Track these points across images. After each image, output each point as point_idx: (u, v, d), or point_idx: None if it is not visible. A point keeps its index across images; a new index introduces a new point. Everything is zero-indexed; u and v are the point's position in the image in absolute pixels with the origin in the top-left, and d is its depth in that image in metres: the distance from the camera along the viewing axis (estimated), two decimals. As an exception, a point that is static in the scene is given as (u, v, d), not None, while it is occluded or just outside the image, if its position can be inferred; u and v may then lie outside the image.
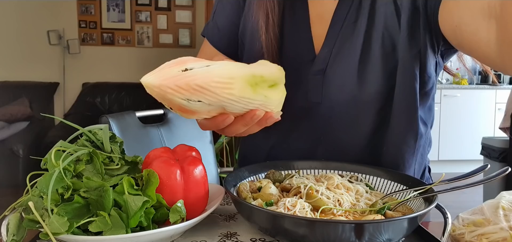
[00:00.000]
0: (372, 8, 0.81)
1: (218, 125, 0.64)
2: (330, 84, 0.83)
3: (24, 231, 0.58)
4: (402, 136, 0.83)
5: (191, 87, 0.54)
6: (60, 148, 0.61)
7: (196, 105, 0.56)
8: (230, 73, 0.56)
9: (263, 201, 0.66)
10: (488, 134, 3.98)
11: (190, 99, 0.55)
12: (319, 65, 0.83)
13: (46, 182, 0.56)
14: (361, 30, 0.81)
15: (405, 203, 0.67)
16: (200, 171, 0.64)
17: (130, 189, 0.58)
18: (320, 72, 0.83)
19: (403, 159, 0.85)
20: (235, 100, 0.57)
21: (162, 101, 0.57)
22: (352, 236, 0.55)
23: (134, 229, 0.57)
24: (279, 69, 0.64)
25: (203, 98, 0.55)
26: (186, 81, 0.54)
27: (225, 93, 0.56)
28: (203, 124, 0.67)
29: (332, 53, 0.83)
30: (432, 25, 0.77)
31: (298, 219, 0.58)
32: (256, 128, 0.67)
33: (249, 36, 0.89)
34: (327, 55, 0.83)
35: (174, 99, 0.55)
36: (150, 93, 0.56)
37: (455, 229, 0.69)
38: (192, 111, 0.57)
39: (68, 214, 0.55)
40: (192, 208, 0.62)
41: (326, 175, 0.75)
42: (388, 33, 0.80)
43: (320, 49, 0.84)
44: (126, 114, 1.31)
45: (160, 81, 0.54)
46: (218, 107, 0.59)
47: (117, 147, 0.68)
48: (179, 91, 0.54)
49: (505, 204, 0.67)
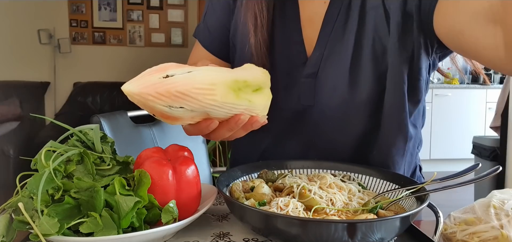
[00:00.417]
0: (363, 9, 0.81)
1: (203, 131, 0.63)
2: (322, 88, 0.83)
3: (14, 232, 0.57)
4: (392, 138, 0.84)
5: (172, 94, 0.53)
6: (50, 148, 0.61)
7: (178, 112, 0.56)
8: (212, 79, 0.56)
9: (256, 201, 0.66)
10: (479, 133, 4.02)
11: (172, 106, 0.55)
12: (311, 68, 0.83)
13: (36, 183, 0.55)
14: (351, 32, 0.81)
15: (397, 202, 0.68)
16: (193, 171, 0.64)
17: (122, 190, 0.57)
18: (312, 76, 0.83)
19: (392, 161, 0.85)
20: (218, 106, 0.57)
21: (144, 108, 0.56)
22: (345, 235, 0.55)
23: (126, 229, 0.56)
24: (264, 73, 0.64)
25: (185, 104, 0.55)
26: (167, 89, 0.53)
27: (207, 99, 0.55)
28: (187, 130, 0.66)
29: (324, 56, 0.82)
30: (426, 29, 0.76)
31: (291, 219, 0.58)
32: (241, 132, 0.66)
33: (239, 38, 0.88)
34: (318, 58, 0.82)
35: (156, 106, 0.54)
36: (132, 101, 0.55)
37: (446, 228, 0.69)
38: (175, 118, 0.57)
39: (58, 215, 0.55)
40: (185, 208, 0.62)
41: (318, 175, 0.75)
42: (378, 36, 0.80)
43: (312, 52, 0.83)
44: (118, 114, 1.30)
45: (140, 89, 0.53)
46: (202, 113, 0.59)
47: (108, 147, 0.67)
48: (160, 98, 0.53)
49: (496, 202, 0.68)
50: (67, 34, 4.68)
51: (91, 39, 4.76)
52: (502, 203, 0.67)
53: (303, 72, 0.83)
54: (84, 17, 4.72)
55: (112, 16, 4.75)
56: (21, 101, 4.23)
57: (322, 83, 0.82)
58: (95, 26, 4.75)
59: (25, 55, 4.50)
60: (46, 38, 4.52)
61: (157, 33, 4.81)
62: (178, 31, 4.81)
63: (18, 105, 4.17)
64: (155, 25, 4.80)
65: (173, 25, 4.81)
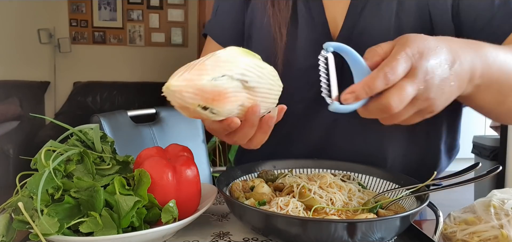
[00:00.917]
0: None
1: (225, 128, 0.59)
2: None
3: (13, 232, 0.57)
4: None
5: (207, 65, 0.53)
6: (50, 147, 0.61)
7: (222, 81, 0.53)
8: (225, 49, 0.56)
9: (256, 201, 0.66)
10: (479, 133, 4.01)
11: (215, 77, 0.53)
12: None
13: (36, 182, 0.55)
14: (389, 7, 0.76)
15: (397, 201, 0.68)
16: (192, 170, 0.64)
17: (122, 189, 0.57)
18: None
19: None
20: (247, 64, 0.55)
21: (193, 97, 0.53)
22: (345, 235, 0.55)
23: (126, 229, 0.56)
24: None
25: (224, 71, 0.53)
26: (201, 65, 0.53)
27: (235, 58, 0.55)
28: (212, 128, 0.62)
29: (354, 35, 0.78)
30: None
31: (290, 219, 0.58)
32: (262, 135, 0.61)
33: (257, 26, 0.87)
34: (346, 38, 0.78)
35: (203, 83, 0.52)
36: (179, 101, 0.54)
37: (446, 228, 0.69)
38: (223, 94, 0.54)
39: (58, 215, 0.55)
40: (184, 207, 0.62)
41: (318, 174, 0.75)
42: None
43: (339, 33, 0.80)
44: (118, 113, 1.30)
45: (180, 76, 0.53)
46: (240, 84, 0.55)
47: (108, 147, 0.67)
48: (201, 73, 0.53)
49: (496, 202, 0.67)
50: (67, 34, 4.68)
51: (91, 39, 4.76)
52: (502, 202, 0.67)
53: None
54: (84, 17, 4.71)
55: (112, 15, 4.75)
56: (21, 100, 4.22)
57: None
58: (95, 25, 4.75)
59: (25, 54, 4.50)
60: (46, 37, 4.52)
61: (157, 32, 4.80)
62: (178, 30, 4.80)
63: (18, 104, 4.17)
64: (155, 25, 4.79)
65: (173, 24, 4.80)
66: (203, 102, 0.53)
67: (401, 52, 0.51)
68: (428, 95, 0.53)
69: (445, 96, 0.55)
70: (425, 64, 0.51)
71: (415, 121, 0.58)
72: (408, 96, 0.52)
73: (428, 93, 0.53)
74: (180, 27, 4.81)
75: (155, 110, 1.44)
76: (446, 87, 0.54)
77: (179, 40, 4.82)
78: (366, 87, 0.51)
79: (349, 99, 0.52)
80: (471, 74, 0.57)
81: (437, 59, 0.53)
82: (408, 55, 0.51)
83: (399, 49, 0.52)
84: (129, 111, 1.35)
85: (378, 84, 0.50)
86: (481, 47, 0.60)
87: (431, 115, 0.57)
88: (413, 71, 0.51)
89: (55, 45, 4.61)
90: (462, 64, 0.55)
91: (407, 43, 0.52)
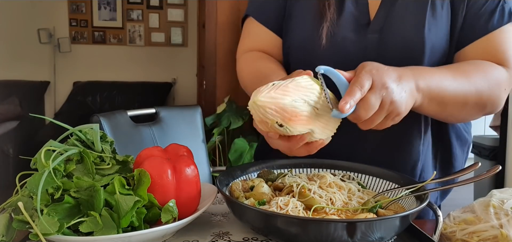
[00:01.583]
0: None
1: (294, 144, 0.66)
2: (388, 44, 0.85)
3: (13, 231, 0.57)
4: None
5: (289, 88, 0.62)
6: (50, 147, 0.61)
7: (299, 104, 0.62)
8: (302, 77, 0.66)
9: (256, 200, 0.66)
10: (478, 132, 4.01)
11: (296, 99, 0.62)
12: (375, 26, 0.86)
13: (35, 182, 0.55)
14: None
15: (397, 201, 0.68)
16: (192, 170, 0.64)
17: (121, 189, 0.57)
18: (376, 32, 0.86)
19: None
20: (319, 91, 0.65)
21: (274, 114, 0.61)
22: (345, 234, 0.55)
23: (126, 229, 0.56)
24: None
25: (302, 95, 0.63)
26: (284, 86, 0.62)
27: (311, 85, 0.64)
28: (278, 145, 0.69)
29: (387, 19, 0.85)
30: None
31: (290, 218, 0.58)
32: (305, 152, 0.70)
33: (300, 5, 0.91)
34: (381, 20, 0.85)
35: (285, 102, 0.61)
36: (261, 116, 0.62)
37: (446, 227, 0.69)
38: (299, 116, 0.62)
39: (58, 214, 0.55)
40: (184, 207, 0.62)
41: (318, 174, 0.75)
42: None
43: (375, 14, 0.86)
44: (118, 113, 1.30)
45: (266, 93, 0.61)
46: (312, 111, 0.64)
47: (107, 147, 0.67)
48: (285, 94, 0.61)
49: (495, 202, 0.67)
50: (67, 34, 4.68)
51: (91, 39, 4.76)
52: (501, 202, 0.67)
53: (367, 30, 0.86)
54: (84, 17, 4.71)
55: (112, 15, 4.75)
56: (20, 100, 4.22)
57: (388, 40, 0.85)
58: (95, 25, 4.75)
59: (25, 54, 4.50)
60: (46, 37, 4.52)
61: (157, 32, 4.80)
62: (178, 30, 4.80)
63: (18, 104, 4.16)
64: (155, 25, 4.79)
65: (173, 24, 4.80)
66: (281, 120, 0.61)
67: (362, 71, 0.67)
68: (392, 99, 0.67)
69: (404, 101, 0.69)
70: (382, 77, 0.66)
71: (387, 124, 0.70)
72: (373, 106, 0.65)
73: (391, 97, 0.66)
74: (180, 27, 4.81)
75: (155, 110, 1.43)
76: (402, 93, 0.69)
77: (179, 40, 4.81)
78: (349, 99, 0.64)
79: (345, 107, 0.63)
80: (415, 85, 0.73)
81: (389, 75, 0.68)
82: (367, 72, 0.67)
83: (360, 69, 0.68)
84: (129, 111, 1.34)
85: (357, 95, 0.64)
86: (420, 70, 0.76)
87: (399, 118, 0.70)
88: (374, 84, 0.66)
89: (55, 45, 4.61)
90: (407, 79, 0.71)
91: (366, 66, 0.68)
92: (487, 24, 0.84)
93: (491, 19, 0.83)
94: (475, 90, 0.80)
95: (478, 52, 0.84)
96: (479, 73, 0.81)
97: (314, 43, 0.87)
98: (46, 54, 4.63)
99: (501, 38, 0.84)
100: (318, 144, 0.68)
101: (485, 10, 0.84)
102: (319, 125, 0.65)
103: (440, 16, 0.85)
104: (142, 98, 4.45)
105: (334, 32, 0.86)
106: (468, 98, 0.80)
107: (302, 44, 0.91)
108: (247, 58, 0.98)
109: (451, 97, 0.78)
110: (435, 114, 0.83)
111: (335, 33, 0.86)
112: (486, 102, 0.81)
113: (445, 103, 0.79)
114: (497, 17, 0.83)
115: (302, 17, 0.91)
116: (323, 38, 0.86)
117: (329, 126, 0.67)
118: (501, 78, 0.82)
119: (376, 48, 0.85)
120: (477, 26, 0.84)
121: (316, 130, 0.65)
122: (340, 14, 0.87)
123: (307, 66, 0.90)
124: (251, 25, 0.99)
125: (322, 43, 0.86)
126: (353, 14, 0.87)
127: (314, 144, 0.68)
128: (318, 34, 0.87)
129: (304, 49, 0.90)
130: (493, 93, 0.82)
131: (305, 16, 0.91)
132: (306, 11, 0.90)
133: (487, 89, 0.81)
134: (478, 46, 0.84)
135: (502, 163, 2.52)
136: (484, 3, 0.84)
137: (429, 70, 0.78)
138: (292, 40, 0.93)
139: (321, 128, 0.66)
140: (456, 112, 0.83)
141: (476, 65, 0.82)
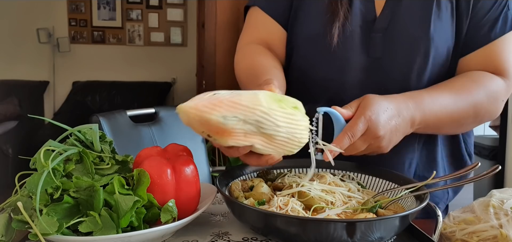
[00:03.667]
0: None
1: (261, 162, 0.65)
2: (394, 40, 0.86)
3: (13, 231, 0.57)
4: None
5: (223, 103, 0.57)
6: (49, 147, 0.61)
7: (232, 122, 0.57)
8: (254, 91, 0.61)
9: (255, 200, 0.66)
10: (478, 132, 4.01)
11: (226, 116, 0.57)
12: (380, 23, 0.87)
13: (35, 182, 0.55)
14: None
15: (397, 201, 0.68)
16: (192, 170, 0.64)
17: (121, 189, 0.57)
18: (381, 30, 0.86)
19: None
20: (265, 113, 0.58)
21: (199, 125, 0.58)
22: (344, 234, 0.55)
23: (125, 229, 0.56)
24: (298, 102, 0.65)
25: (237, 113, 0.57)
26: (219, 99, 0.58)
27: (255, 104, 0.58)
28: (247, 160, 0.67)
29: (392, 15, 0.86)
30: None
31: (290, 218, 0.58)
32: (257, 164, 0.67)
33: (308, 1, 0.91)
34: (387, 16, 0.86)
35: (211, 118, 0.57)
36: (187, 122, 0.59)
37: (446, 227, 0.69)
38: (229, 132, 0.58)
39: (57, 214, 0.55)
40: (184, 207, 0.62)
41: (318, 174, 0.75)
42: None
43: (381, 11, 0.87)
44: (117, 113, 1.30)
45: (195, 103, 0.58)
46: (255, 128, 0.59)
47: (107, 146, 0.67)
48: (214, 108, 0.57)
49: (495, 202, 0.68)
50: (66, 33, 4.67)
51: (90, 38, 4.75)
52: (501, 202, 0.67)
53: (373, 27, 0.87)
54: (83, 16, 4.71)
55: (111, 15, 4.74)
56: (20, 100, 4.22)
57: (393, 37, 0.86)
58: (94, 25, 4.74)
59: (24, 54, 4.49)
60: (45, 37, 4.51)
61: (156, 32, 4.79)
62: (178, 30, 4.80)
63: (17, 104, 4.16)
64: (154, 24, 4.78)
65: (173, 24, 4.80)
66: (207, 132, 0.58)
67: (361, 116, 0.69)
68: (379, 145, 0.71)
69: (392, 143, 0.74)
70: (378, 127, 0.69)
71: (367, 153, 0.73)
72: (357, 149, 0.70)
73: (379, 144, 0.71)
74: (179, 26, 4.80)
75: (155, 110, 1.43)
76: (393, 139, 0.73)
77: (179, 39, 4.81)
78: (338, 146, 0.68)
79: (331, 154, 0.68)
80: (411, 122, 0.76)
81: (385, 125, 0.70)
82: (366, 118, 0.69)
83: (360, 113, 0.69)
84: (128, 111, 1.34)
85: (345, 143, 0.68)
86: (421, 99, 0.78)
87: (380, 152, 0.74)
88: (367, 132, 0.69)
89: (54, 44, 4.61)
90: (404, 118, 0.74)
91: (367, 106, 0.70)
92: (490, 33, 0.85)
93: (494, 27, 0.85)
94: (474, 108, 0.82)
95: (479, 60, 0.86)
96: (480, 90, 0.83)
97: (323, 40, 0.87)
98: (45, 54, 4.62)
99: (502, 47, 0.85)
100: (268, 158, 0.64)
101: (488, 18, 0.85)
102: (261, 141, 0.61)
103: (445, 17, 0.85)
104: (142, 98, 4.45)
105: (343, 29, 0.87)
106: (466, 118, 0.83)
107: (310, 40, 0.90)
108: (246, 52, 0.96)
109: (448, 121, 0.82)
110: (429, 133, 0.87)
111: (343, 30, 0.87)
112: (483, 116, 0.85)
113: (441, 128, 0.84)
114: (500, 25, 0.84)
115: (311, 13, 0.90)
116: (334, 36, 0.86)
117: (287, 146, 0.63)
118: (499, 91, 0.84)
119: (381, 45, 0.85)
120: (481, 33, 0.85)
121: (257, 145, 0.60)
122: (350, 11, 0.87)
123: (313, 62, 0.90)
124: (256, 15, 0.96)
125: (334, 41, 0.86)
126: (360, 10, 0.88)
127: (264, 157, 0.64)
128: (327, 31, 0.86)
129: (312, 45, 0.90)
130: (491, 107, 0.84)
131: (314, 12, 0.90)
132: (316, 6, 0.90)
133: (486, 104, 0.83)
134: (480, 54, 0.86)
135: (501, 163, 2.52)
136: (488, 10, 0.85)
137: (429, 98, 0.79)
138: (299, 35, 0.92)
139: (265, 144, 0.61)
140: (451, 131, 0.88)
141: (476, 82, 0.84)
